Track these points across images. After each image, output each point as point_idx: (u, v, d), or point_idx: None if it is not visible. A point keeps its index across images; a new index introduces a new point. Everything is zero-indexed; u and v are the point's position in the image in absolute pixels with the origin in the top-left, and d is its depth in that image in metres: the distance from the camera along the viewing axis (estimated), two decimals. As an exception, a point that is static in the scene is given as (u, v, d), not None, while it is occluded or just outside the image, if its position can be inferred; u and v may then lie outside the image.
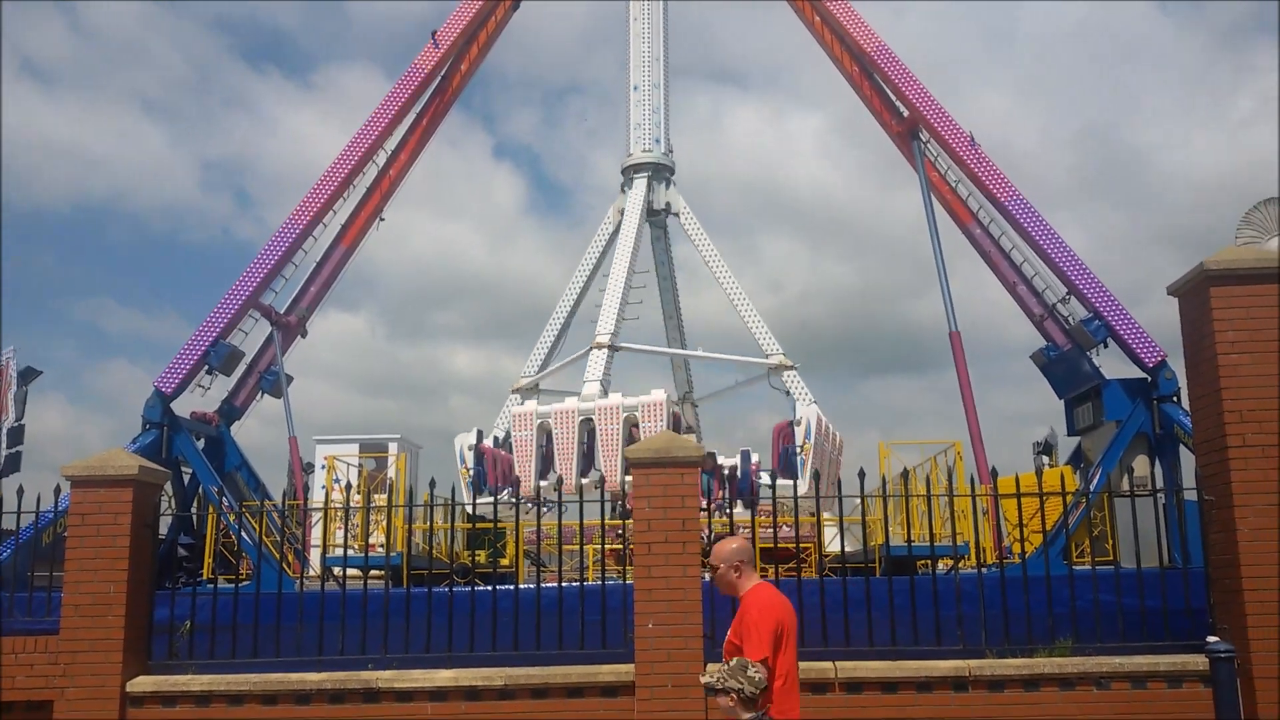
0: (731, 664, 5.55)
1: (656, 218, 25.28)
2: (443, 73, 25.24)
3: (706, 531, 9.49)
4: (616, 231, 24.21)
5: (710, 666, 6.32)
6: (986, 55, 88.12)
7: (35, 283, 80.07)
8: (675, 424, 18.67)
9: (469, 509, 18.09)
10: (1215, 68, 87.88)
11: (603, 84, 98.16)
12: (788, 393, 22.85)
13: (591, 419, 18.89)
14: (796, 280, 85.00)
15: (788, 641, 5.71)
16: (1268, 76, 78.15)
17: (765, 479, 19.31)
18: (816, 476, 17.89)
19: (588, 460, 19.05)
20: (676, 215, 24.89)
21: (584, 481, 18.29)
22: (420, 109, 25.25)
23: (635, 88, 22.46)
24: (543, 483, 19.06)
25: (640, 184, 23.56)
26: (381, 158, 24.88)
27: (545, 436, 19.46)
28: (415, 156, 25.40)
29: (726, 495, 20.13)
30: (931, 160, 23.89)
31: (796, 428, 19.37)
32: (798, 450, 19.07)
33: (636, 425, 18.36)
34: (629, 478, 17.02)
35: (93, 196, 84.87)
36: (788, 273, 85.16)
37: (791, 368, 22.78)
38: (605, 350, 21.44)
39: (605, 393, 20.21)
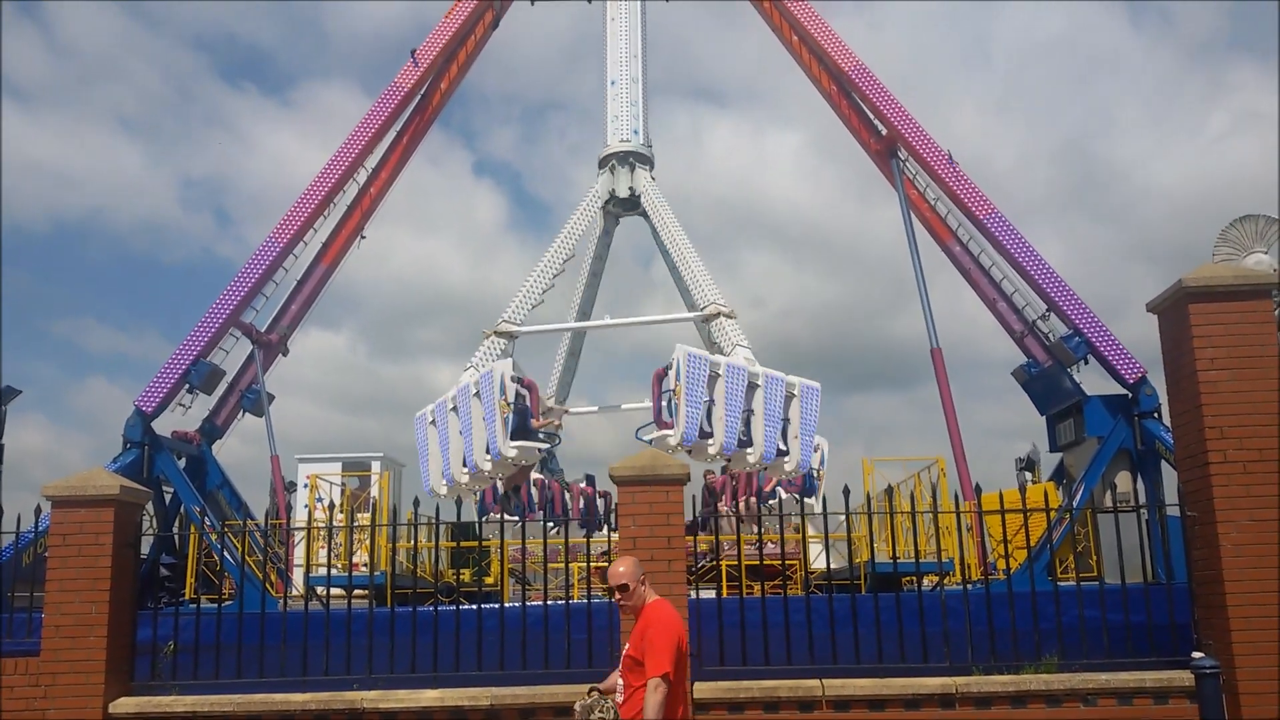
0: (590, 699, 6.08)
1: (629, 206, 23.54)
2: (423, 91, 25.25)
3: (692, 549, 9.47)
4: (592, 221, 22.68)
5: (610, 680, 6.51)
6: (964, 70, 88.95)
7: (13, 301, 79.48)
8: (515, 390, 17.03)
9: (510, 448, 16.56)
10: (1188, 83, 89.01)
11: (582, 100, 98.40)
12: (714, 344, 19.68)
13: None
14: (778, 296, 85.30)
15: (684, 659, 5.87)
16: (1241, 93, 79.14)
17: (643, 435, 17.58)
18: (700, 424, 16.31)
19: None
20: (639, 197, 22.90)
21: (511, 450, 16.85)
22: (400, 127, 25.24)
23: (613, 82, 22.21)
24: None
25: (604, 175, 22.65)
26: (362, 176, 24.85)
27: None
28: (396, 174, 25.38)
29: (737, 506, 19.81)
30: (910, 178, 24.04)
31: (670, 370, 16.80)
32: (670, 393, 16.66)
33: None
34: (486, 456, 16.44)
35: (71, 214, 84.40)
36: (769, 289, 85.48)
37: (726, 316, 19.43)
38: (492, 338, 19.64)
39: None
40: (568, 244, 21.46)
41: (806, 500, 18.88)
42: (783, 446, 17.35)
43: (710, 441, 16.51)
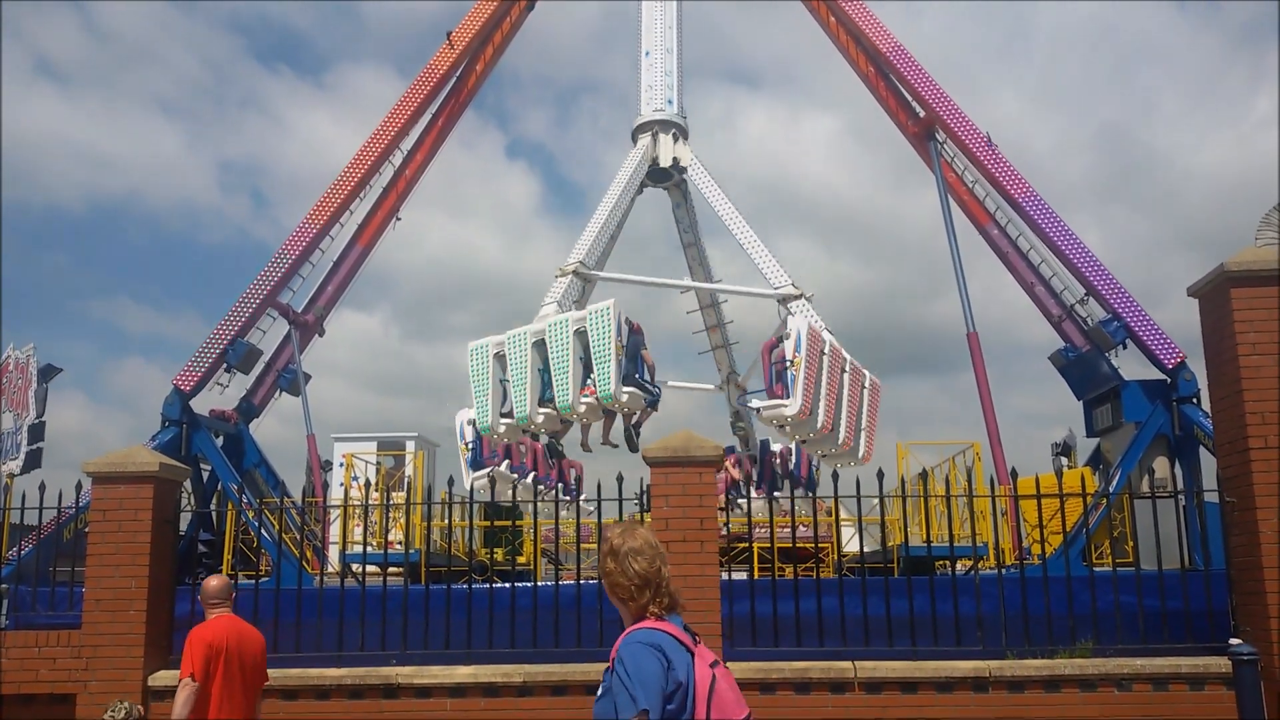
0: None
1: (668, 179, 23.28)
2: (458, 73, 25.27)
3: (725, 530, 9.48)
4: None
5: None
6: (1003, 56, 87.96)
7: (52, 282, 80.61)
8: (629, 332, 15.95)
9: (623, 392, 15.57)
10: (1231, 69, 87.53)
11: (616, 83, 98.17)
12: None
13: (543, 339, 16.12)
14: (812, 281, 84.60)
15: (224, 667, 6.54)
16: (1286, 77, 77.72)
17: (754, 403, 17.31)
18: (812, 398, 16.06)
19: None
20: (684, 170, 22.52)
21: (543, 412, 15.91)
22: (436, 109, 25.28)
23: (647, 53, 21.90)
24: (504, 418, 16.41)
25: (645, 139, 22.25)
26: (398, 158, 24.93)
27: (501, 365, 16.61)
28: (431, 157, 25.43)
29: (782, 482, 19.48)
30: (948, 161, 23.79)
31: (786, 341, 16.55)
32: (788, 365, 16.29)
33: (585, 335, 15.66)
34: (585, 397, 15.86)
35: (109, 196, 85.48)
36: (804, 274, 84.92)
37: (800, 296, 19.33)
38: (569, 278, 18.54)
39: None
40: (626, 196, 20.88)
41: (776, 402, 17.72)
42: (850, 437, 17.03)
43: (817, 417, 15.97)
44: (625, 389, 15.42)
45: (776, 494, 20.09)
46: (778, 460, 21.42)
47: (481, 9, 24.81)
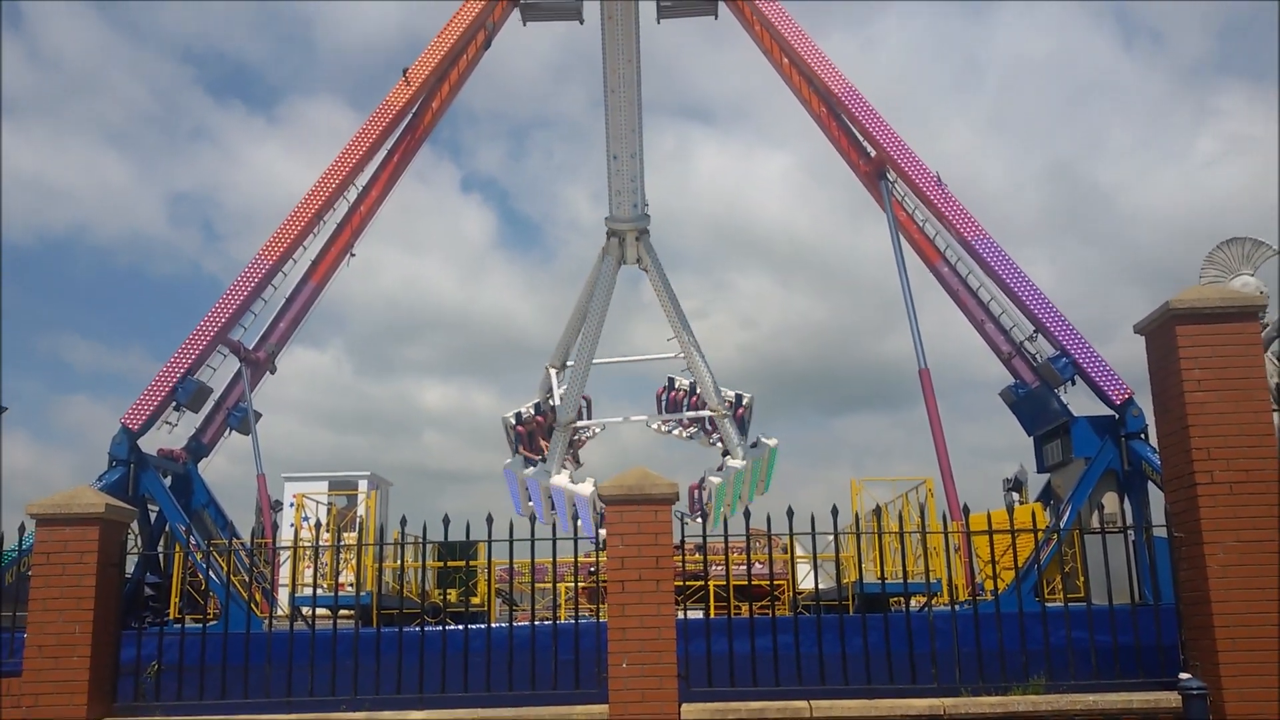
0: None
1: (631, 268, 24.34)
2: (414, 110, 25.30)
3: (681, 569, 9.46)
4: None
5: None
6: (955, 90, 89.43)
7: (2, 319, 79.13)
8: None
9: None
10: (1178, 108, 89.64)
11: (569, 118, 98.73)
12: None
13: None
14: (769, 317, 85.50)
15: None
16: (1228, 118, 79.79)
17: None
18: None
19: None
20: (646, 270, 23.34)
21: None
22: (391, 145, 25.26)
23: (614, 157, 22.31)
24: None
25: (613, 242, 23.02)
26: (352, 193, 24.83)
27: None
28: (386, 192, 25.36)
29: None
30: (899, 199, 24.12)
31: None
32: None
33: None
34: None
35: (55, 228, 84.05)
36: (760, 310, 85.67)
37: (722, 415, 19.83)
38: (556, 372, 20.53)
39: None
40: (601, 297, 21.91)
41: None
42: None
43: None
44: None
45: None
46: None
47: (438, 46, 24.83)
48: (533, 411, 19.55)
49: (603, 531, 11.28)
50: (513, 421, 19.32)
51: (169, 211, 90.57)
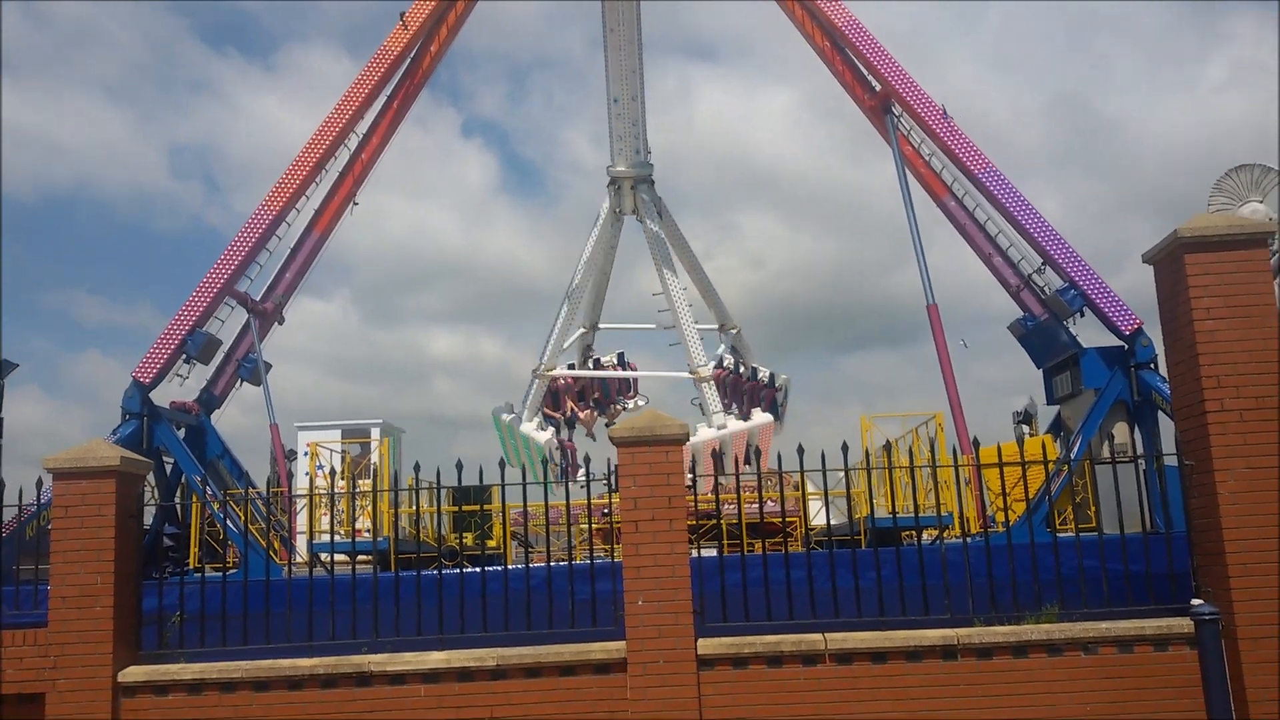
0: None
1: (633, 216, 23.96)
2: (412, 54, 25.05)
3: (693, 508, 9.52)
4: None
5: None
6: (958, 25, 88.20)
7: (3, 273, 79.14)
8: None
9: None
10: (1184, 35, 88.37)
11: (570, 59, 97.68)
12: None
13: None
14: (776, 256, 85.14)
15: None
16: (1236, 44, 78.68)
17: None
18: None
19: None
20: (643, 222, 23.35)
21: None
22: (390, 91, 25.04)
23: (615, 100, 22.04)
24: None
25: (613, 189, 23.04)
26: (353, 141, 24.66)
27: None
28: (387, 139, 25.19)
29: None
30: (905, 134, 23.90)
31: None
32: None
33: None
34: None
35: (58, 184, 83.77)
36: (767, 249, 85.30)
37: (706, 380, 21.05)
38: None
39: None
40: (601, 248, 22.93)
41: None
42: None
43: None
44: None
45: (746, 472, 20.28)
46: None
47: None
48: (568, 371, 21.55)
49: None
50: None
51: (170, 164, 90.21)
